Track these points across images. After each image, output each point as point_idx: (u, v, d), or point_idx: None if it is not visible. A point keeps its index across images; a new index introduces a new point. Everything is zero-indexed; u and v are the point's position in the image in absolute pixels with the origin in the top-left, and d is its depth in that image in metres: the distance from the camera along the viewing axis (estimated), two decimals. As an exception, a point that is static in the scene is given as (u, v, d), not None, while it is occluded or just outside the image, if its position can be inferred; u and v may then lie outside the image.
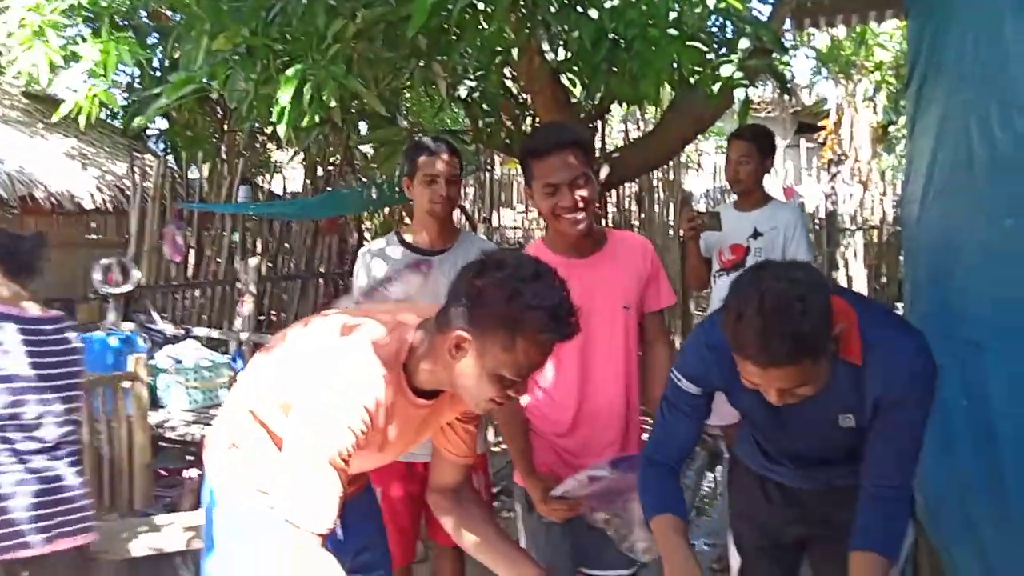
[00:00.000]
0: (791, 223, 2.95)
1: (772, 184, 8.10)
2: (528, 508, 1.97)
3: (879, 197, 7.52)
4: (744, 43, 2.71)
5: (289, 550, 1.29)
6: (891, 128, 9.58)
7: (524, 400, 1.94)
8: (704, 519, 3.78)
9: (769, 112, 11.27)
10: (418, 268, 2.25)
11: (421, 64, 2.95)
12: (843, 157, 8.74)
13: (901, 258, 4.90)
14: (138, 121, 3.50)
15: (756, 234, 2.96)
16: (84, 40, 3.02)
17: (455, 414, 1.53)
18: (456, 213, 2.40)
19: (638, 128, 6.82)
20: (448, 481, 1.61)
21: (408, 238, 2.34)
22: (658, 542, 1.47)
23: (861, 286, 6.93)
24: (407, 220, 7.71)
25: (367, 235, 6.75)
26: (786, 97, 10.43)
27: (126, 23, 4.04)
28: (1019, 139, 1.86)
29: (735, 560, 1.90)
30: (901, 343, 1.38)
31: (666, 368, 1.68)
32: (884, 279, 6.99)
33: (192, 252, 5.74)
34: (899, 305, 3.90)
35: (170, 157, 6.64)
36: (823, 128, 9.54)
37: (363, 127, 4.26)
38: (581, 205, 1.81)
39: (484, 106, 3.46)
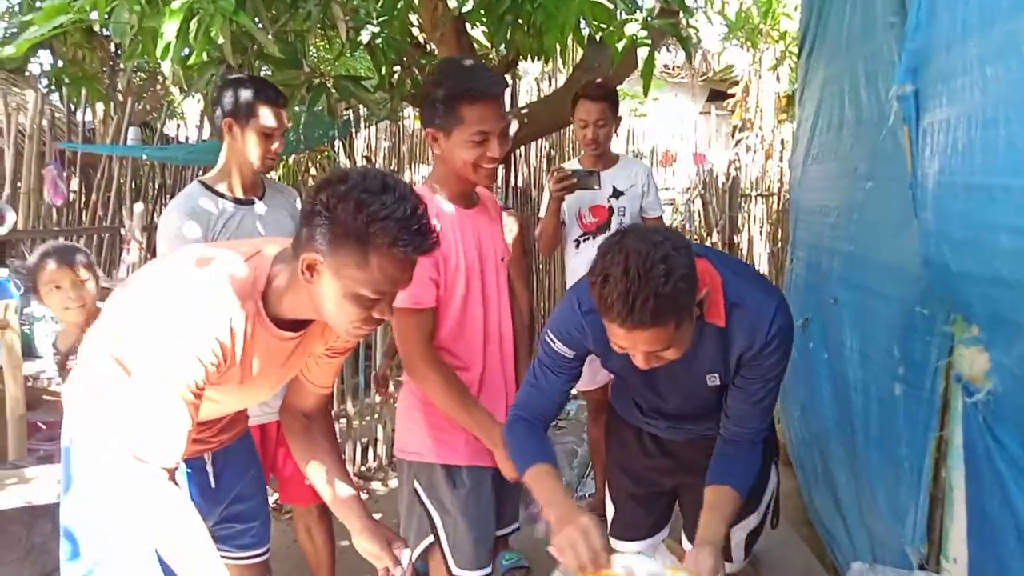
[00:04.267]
0: (643, 178, 2.94)
1: (684, 150, 8.30)
2: (452, 484, 1.78)
3: (779, 165, 7.79)
4: (649, 2, 2.73)
5: (134, 485, 1.25)
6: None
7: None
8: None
9: (681, 78, 11.45)
10: None
11: (319, 4, 2.84)
12: (749, 124, 8.99)
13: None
14: (6, 52, 3.20)
15: (617, 193, 2.91)
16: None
17: (325, 346, 1.51)
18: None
19: (551, 86, 6.80)
20: (302, 405, 1.61)
21: (221, 188, 2.20)
22: (536, 491, 1.49)
23: (760, 250, 7.23)
24: (312, 169, 7.46)
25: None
26: (695, 63, 10.58)
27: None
28: (881, 104, 1.97)
29: (609, 510, 1.96)
30: (762, 303, 1.44)
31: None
32: (779, 244, 7.29)
33: (80, 198, 5.39)
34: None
35: (55, 95, 6.17)
36: (733, 96, 9.78)
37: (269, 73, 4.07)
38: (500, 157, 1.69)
39: (388, 53, 3.37)
